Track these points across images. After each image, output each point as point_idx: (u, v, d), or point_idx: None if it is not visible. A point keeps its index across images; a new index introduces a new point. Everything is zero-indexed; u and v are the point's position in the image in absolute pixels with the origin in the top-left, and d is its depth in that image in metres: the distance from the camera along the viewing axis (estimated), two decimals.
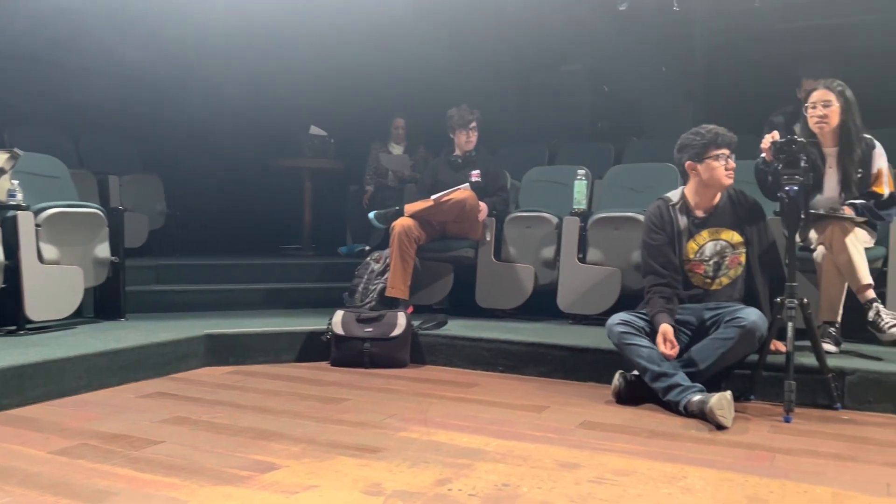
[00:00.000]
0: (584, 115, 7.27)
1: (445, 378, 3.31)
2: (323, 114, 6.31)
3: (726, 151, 2.92)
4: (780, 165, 2.69)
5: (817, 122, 3.14)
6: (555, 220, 4.24)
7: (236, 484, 1.87)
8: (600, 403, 2.80)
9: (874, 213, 3.10)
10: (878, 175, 3.09)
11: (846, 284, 3.05)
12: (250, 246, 6.03)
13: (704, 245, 2.97)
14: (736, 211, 2.99)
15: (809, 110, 3.17)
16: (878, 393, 2.70)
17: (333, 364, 3.56)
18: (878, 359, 2.91)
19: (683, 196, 3.04)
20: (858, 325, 3.04)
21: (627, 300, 3.64)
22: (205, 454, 2.12)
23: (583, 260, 4.07)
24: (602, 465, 2.03)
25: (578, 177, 4.16)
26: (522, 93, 7.17)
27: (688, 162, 2.98)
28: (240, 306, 4.51)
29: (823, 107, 3.13)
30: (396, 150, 5.90)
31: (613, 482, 1.89)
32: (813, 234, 3.20)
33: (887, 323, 2.83)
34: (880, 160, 3.13)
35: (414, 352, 3.59)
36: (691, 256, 2.98)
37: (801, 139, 2.67)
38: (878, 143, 3.15)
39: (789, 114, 4.59)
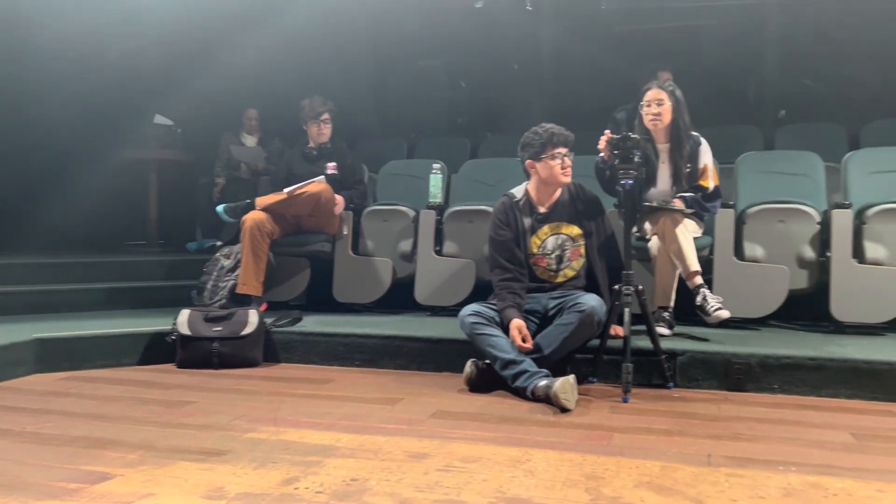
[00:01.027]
0: (443, 110, 7.38)
1: (299, 375, 3.24)
2: (169, 102, 5.96)
3: (563, 150, 3.03)
4: (616, 161, 2.85)
5: (651, 120, 3.36)
6: (412, 213, 4.27)
7: (63, 498, 1.73)
8: (453, 392, 2.85)
9: (702, 205, 3.36)
10: (704, 170, 3.36)
11: (678, 272, 3.28)
12: (89, 243, 5.60)
13: (546, 239, 3.09)
14: (575, 205, 3.12)
15: (644, 108, 3.38)
16: (704, 371, 2.92)
17: (180, 366, 3.38)
18: (706, 340, 3.16)
19: (527, 192, 3.14)
20: (689, 309, 3.29)
21: (483, 290, 3.72)
22: (29, 468, 1.95)
23: (439, 252, 4.12)
24: (451, 453, 2.06)
25: (434, 171, 4.21)
26: (381, 86, 7.15)
27: (528, 161, 3.09)
28: (76, 308, 4.18)
29: (657, 105, 3.34)
30: (249, 141, 5.71)
31: (461, 469, 1.92)
32: (647, 226, 3.42)
33: (713, 306, 3.07)
34: (706, 156, 3.40)
35: (267, 350, 3.48)
36: (535, 251, 3.08)
37: (635, 136, 2.84)
38: (703, 140, 3.42)
39: (631, 110, 4.87)
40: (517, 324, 2.86)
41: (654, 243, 3.37)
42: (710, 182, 3.36)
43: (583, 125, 5.36)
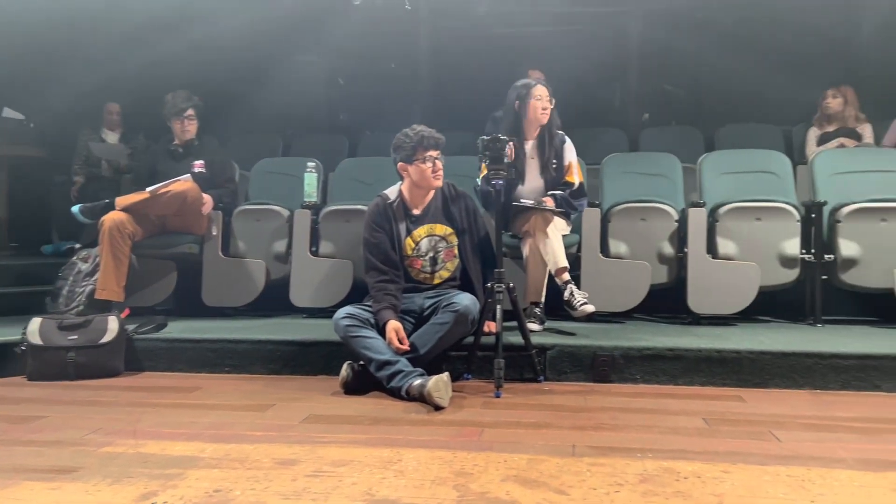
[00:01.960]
0: (321, 107, 7.26)
1: (164, 384, 3.08)
2: (19, 94, 5.52)
3: (434, 153, 3.05)
4: (487, 161, 2.90)
5: (542, 112, 3.50)
6: (286, 212, 4.17)
7: None
8: (328, 396, 2.80)
9: (570, 203, 3.50)
10: (569, 167, 3.52)
11: (548, 268, 3.38)
12: None
13: (420, 241, 3.10)
14: (449, 206, 3.15)
15: (535, 102, 3.50)
16: (572, 364, 3.03)
17: (31, 378, 3.14)
18: (574, 334, 3.28)
19: (400, 194, 3.14)
20: (559, 305, 3.40)
21: (361, 291, 3.69)
22: None
23: (315, 253, 4.04)
24: (321, 458, 2.02)
25: (308, 169, 4.13)
26: (255, 81, 6.94)
27: (399, 163, 3.09)
28: None
29: (547, 100, 3.50)
30: (111, 137, 5.39)
31: (330, 474, 1.89)
32: (519, 223, 3.51)
33: (579, 301, 3.19)
34: (570, 154, 3.57)
35: (129, 359, 3.29)
36: (409, 253, 3.09)
37: (504, 137, 2.90)
38: (567, 139, 3.57)
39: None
40: (394, 325, 2.85)
41: (524, 240, 3.47)
42: (576, 178, 3.53)
43: (461, 125, 5.47)
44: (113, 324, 3.24)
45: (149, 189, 3.77)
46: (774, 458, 2.00)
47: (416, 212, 3.12)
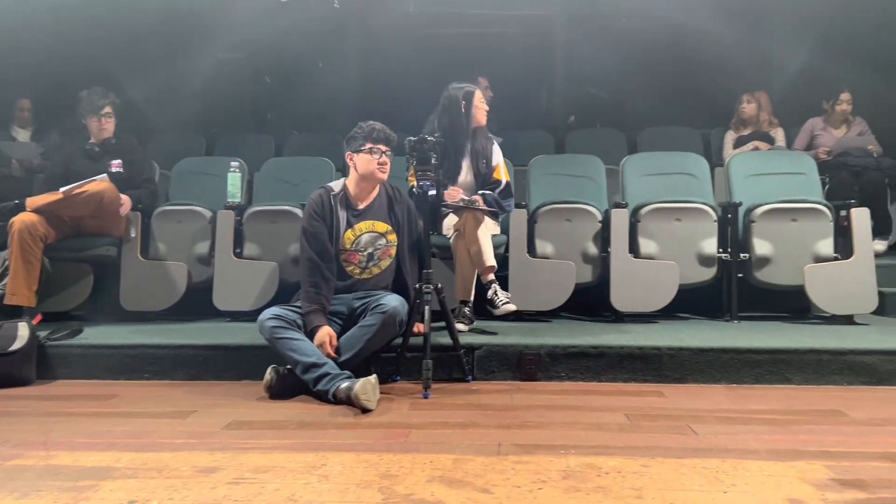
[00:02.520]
0: (246, 106, 7.12)
1: (79, 392, 2.95)
2: None
3: (382, 147, 3.06)
4: (414, 162, 2.90)
5: (484, 114, 3.70)
6: (208, 213, 4.06)
7: None
8: (252, 401, 2.74)
9: (500, 204, 3.55)
10: (497, 167, 3.63)
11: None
12: None
13: (361, 236, 3.08)
14: (391, 206, 3.16)
15: (479, 103, 3.66)
16: (499, 363, 3.06)
17: None
18: (501, 333, 3.31)
19: (345, 187, 3.14)
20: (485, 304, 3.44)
21: (287, 293, 3.63)
22: None
23: (239, 255, 3.95)
24: (242, 464, 1.98)
25: (232, 169, 4.03)
26: (177, 78, 6.74)
27: (348, 153, 3.12)
28: None
29: (485, 104, 3.68)
30: (21, 135, 5.13)
31: (252, 480, 1.85)
32: (449, 222, 3.53)
33: (501, 300, 3.25)
34: (498, 155, 3.68)
35: (41, 367, 3.13)
36: (348, 246, 3.06)
37: (431, 138, 2.90)
38: (495, 140, 3.65)
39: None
40: (327, 332, 2.83)
41: (455, 240, 3.49)
42: (503, 176, 3.63)
43: (391, 126, 5.44)
44: (23, 330, 3.08)
45: (62, 189, 3.60)
46: (691, 452, 2.06)
47: (359, 206, 3.12)
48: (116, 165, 3.93)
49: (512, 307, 3.23)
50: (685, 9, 6.14)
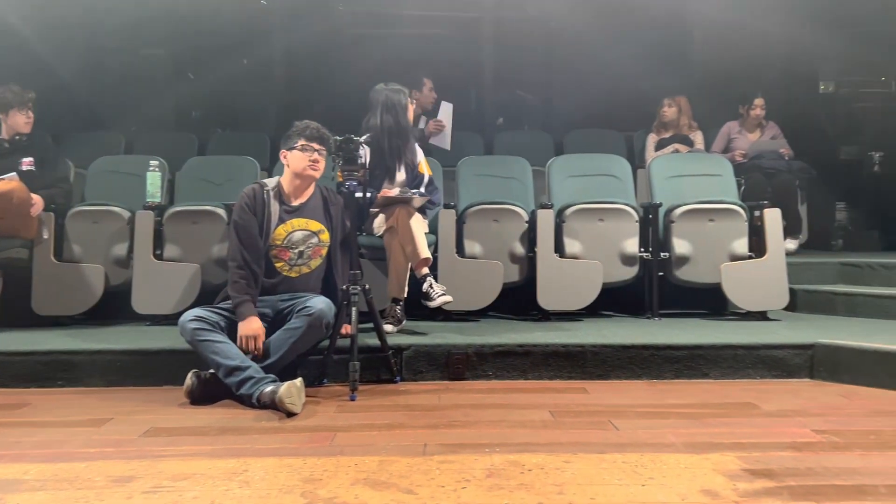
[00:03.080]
0: (168, 103, 6.90)
1: None
2: None
3: (315, 146, 3.05)
4: (341, 162, 2.87)
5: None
6: (127, 214, 3.92)
7: None
8: (172, 407, 2.66)
9: (430, 199, 3.58)
10: (420, 163, 3.72)
11: (410, 264, 3.43)
12: None
13: (293, 233, 3.04)
14: (326, 206, 3.14)
15: (411, 103, 3.73)
16: (428, 363, 3.06)
17: None
18: (429, 333, 3.32)
19: (279, 184, 3.11)
20: (417, 304, 3.44)
21: (209, 296, 3.53)
22: None
23: (160, 256, 3.83)
24: (160, 472, 1.92)
25: (151, 167, 3.89)
26: (94, 75, 6.49)
27: (282, 150, 3.11)
28: None
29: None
30: None
31: (170, 489, 1.79)
32: (377, 223, 3.53)
33: (437, 293, 3.29)
34: (420, 153, 3.78)
35: None
36: (279, 242, 3.02)
37: (357, 138, 2.88)
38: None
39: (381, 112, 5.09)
40: (259, 324, 2.79)
41: (388, 236, 3.48)
42: (426, 171, 3.72)
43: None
44: None
45: None
46: (612, 447, 2.12)
47: (293, 202, 3.09)
48: (27, 164, 3.76)
49: (448, 298, 3.27)
50: (610, 14, 6.30)
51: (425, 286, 3.34)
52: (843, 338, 3.13)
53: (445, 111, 4.94)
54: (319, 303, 2.85)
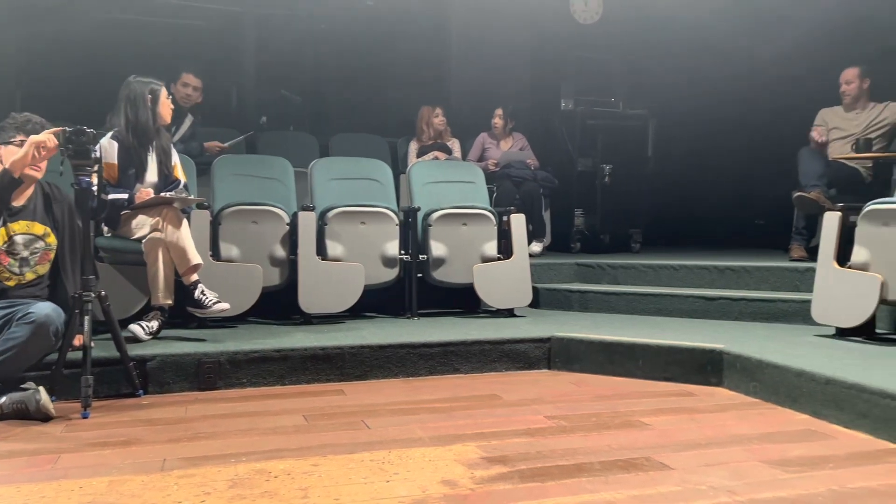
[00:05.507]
0: None
1: None
2: None
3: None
4: (71, 155, 2.60)
5: (169, 113, 3.54)
6: None
7: None
8: None
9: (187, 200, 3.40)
10: (175, 166, 3.56)
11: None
12: None
13: (16, 237, 2.69)
14: (50, 206, 2.82)
15: (166, 100, 3.50)
16: (175, 374, 2.88)
17: None
18: (181, 341, 3.13)
19: None
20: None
21: None
22: None
23: None
24: None
25: None
26: None
27: None
28: None
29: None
30: None
31: None
32: (135, 223, 3.28)
33: (211, 300, 3.14)
34: (176, 154, 3.59)
35: None
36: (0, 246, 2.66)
37: (91, 130, 2.63)
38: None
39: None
40: None
41: (151, 241, 3.22)
42: (182, 176, 3.58)
43: (50, 117, 4.82)
44: None
45: None
46: (362, 446, 2.14)
47: (14, 204, 2.72)
48: None
49: (225, 305, 3.17)
50: (380, 20, 6.42)
51: (196, 293, 3.17)
52: (574, 331, 3.47)
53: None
54: (44, 308, 2.55)
